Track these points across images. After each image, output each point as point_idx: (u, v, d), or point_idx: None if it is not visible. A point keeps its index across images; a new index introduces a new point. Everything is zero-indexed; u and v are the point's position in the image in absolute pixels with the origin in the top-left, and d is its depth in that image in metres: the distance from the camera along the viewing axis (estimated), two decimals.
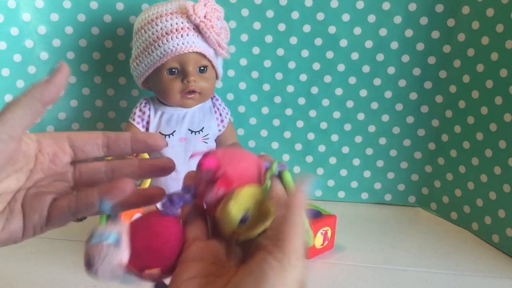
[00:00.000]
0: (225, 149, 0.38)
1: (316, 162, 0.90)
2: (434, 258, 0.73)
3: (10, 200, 0.34)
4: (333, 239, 0.73)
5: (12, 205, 0.33)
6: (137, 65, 0.74)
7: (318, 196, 0.91)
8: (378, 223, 0.84)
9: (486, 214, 0.77)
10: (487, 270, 0.70)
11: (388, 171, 0.89)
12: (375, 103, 0.85)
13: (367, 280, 0.66)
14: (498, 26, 0.72)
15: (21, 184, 0.35)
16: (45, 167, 0.36)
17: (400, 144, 0.87)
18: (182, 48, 0.69)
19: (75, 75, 0.87)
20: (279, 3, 0.81)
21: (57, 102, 0.93)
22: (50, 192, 0.34)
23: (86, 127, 0.90)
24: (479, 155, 0.78)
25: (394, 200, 0.91)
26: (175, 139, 0.74)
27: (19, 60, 0.82)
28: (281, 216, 0.30)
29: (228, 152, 0.36)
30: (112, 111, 0.89)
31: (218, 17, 0.72)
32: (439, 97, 0.83)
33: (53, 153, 0.37)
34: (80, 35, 0.84)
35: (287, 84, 0.85)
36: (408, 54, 0.82)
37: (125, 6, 0.83)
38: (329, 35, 0.82)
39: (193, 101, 0.74)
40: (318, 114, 0.87)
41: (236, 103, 0.87)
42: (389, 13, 0.80)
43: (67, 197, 0.34)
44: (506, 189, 0.73)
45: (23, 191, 0.34)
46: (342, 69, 0.83)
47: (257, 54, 0.84)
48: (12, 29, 0.80)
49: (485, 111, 0.76)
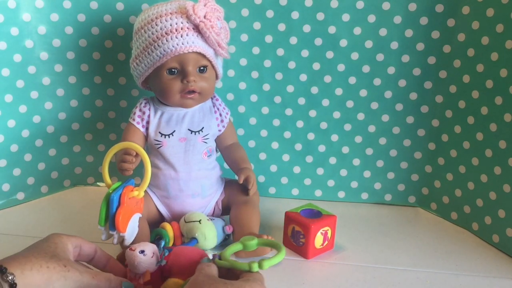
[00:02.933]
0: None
1: (316, 162, 0.90)
2: (434, 258, 0.73)
3: None
4: (333, 239, 0.73)
5: None
6: (137, 65, 0.74)
7: (318, 196, 0.91)
8: (378, 223, 0.84)
9: (486, 214, 0.77)
10: (487, 270, 0.69)
11: (388, 171, 0.89)
12: (375, 103, 0.85)
13: (367, 280, 0.66)
14: (498, 26, 0.72)
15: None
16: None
17: (400, 144, 0.87)
18: (182, 48, 0.69)
19: (75, 75, 0.87)
20: (279, 3, 0.81)
21: (57, 102, 0.93)
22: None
23: (86, 127, 0.90)
24: (479, 155, 0.78)
25: (394, 200, 0.91)
26: (175, 139, 0.74)
27: (19, 60, 0.82)
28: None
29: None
30: (112, 111, 0.89)
31: (218, 17, 0.72)
32: (439, 97, 0.83)
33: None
34: (80, 35, 0.84)
35: (287, 84, 0.85)
36: (408, 54, 0.82)
37: (125, 6, 0.83)
38: (329, 35, 0.82)
39: (193, 101, 0.74)
40: (318, 114, 0.87)
41: (236, 103, 0.87)
42: (389, 13, 0.80)
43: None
44: (506, 189, 0.73)
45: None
46: (342, 69, 0.83)
47: (257, 54, 0.84)
48: (12, 29, 0.80)
49: (485, 111, 0.76)
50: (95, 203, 0.69)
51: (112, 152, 0.63)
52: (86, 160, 0.93)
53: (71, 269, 0.49)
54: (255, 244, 0.58)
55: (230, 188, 0.79)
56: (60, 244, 0.52)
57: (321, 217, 0.71)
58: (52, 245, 0.51)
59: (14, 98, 0.83)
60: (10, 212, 0.84)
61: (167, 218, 0.76)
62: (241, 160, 0.78)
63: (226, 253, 0.56)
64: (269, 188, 0.92)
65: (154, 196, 0.76)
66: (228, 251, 0.56)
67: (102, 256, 0.58)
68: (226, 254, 0.55)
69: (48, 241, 0.53)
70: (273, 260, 0.52)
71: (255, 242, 0.57)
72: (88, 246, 0.57)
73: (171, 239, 0.70)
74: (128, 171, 0.69)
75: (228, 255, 0.55)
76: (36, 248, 0.50)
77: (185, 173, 0.74)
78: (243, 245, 0.58)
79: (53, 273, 0.48)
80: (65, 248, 0.53)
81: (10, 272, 0.45)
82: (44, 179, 0.90)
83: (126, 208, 0.60)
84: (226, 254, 0.55)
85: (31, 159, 0.87)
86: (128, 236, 0.61)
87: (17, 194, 0.87)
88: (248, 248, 0.58)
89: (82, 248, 0.56)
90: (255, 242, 0.57)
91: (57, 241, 0.53)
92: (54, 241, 0.52)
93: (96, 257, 0.57)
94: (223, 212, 0.79)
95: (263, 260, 0.52)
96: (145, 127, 0.76)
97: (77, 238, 0.55)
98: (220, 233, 0.72)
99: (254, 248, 0.58)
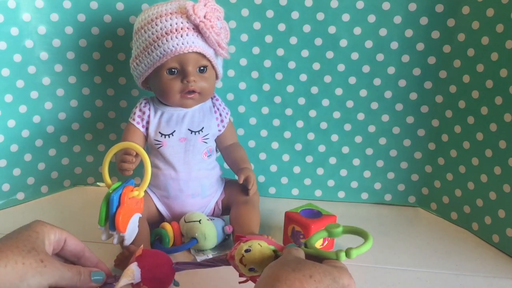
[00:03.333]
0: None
1: (316, 162, 0.90)
2: (434, 258, 0.73)
3: None
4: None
5: None
6: (137, 65, 0.74)
7: (318, 196, 0.91)
8: (378, 223, 0.84)
9: (486, 214, 0.77)
10: (487, 270, 0.69)
11: (388, 171, 0.89)
12: (375, 103, 0.85)
13: (367, 280, 0.66)
14: (498, 26, 0.72)
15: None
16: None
17: (400, 144, 0.87)
18: (182, 48, 0.69)
19: (75, 75, 0.87)
20: (279, 3, 0.81)
21: (57, 102, 0.93)
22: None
23: (86, 127, 0.90)
24: (479, 155, 0.78)
25: (394, 200, 0.91)
26: (175, 139, 0.74)
27: (19, 60, 0.82)
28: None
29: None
30: (112, 111, 0.90)
31: (218, 17, 0.72)
32: (439, 97, 0.83)
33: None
34: (80, 35, 0.84)
35: (287, 84, 0.85)
36: (408, 54, 0.82)
37: (125, 6, 0.83)
38: (329, 35, 0.82)
39: (193, 101, 0.74)
40: (318, 114, 0.87)
41: (236, 103, 0.87)
42: (389, 13, 0.80)
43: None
44: (506, 189, 0.73)
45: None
46: (342, 69, 0.83)
47: (257, 54, 0.84)
48: (12, 29, 0.80)
49: (485, 111, 0.76)
50: (95, 203, 0.69)
51: (112, 152, 0.63)
52: (86, 160, 0.93)
53: (47, 264, 0.49)
54: (340, 232, 0.54)
55: (230, 188, 0.79)
56: (41, 234, 0.51)
57: (321, 217, 0.72)
58: (33, 235, 0.50)
59: (14, 98, 0.83)
60: (10, 212, 0.84)
61: (167, 218, 0.76)
62: (241, 160, 0.78)
63: (311, 241, 0.54)
64: (269, 188, 0.92)
65: (154, 196, 0.76)
66: (314, 239, 0.54)
67: (90, 257, 0.57)
68: (311, 241, 0.53)
69: (29, 229, 0.51)
70: (361, 248, 0.49)
71: (340, 230, 0.54)
72: (75, 242, 0.55)
73: (171, 239, 0.70)
74: (128, 171, 0.69)
75: (314, 242, 0.53)
76: (16, 239, 0.49)
77: (185, 173, 0.74)
78: (328, 232, 0.55)
79: (29, 269, 0.47)
80: (46, 239, 0.51)
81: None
82: (44, 179, 0.90)
83: (126, 208, 0.60)
84: (311, 242, 0.53)
85: (31, 159, 0.87)
86: (128, 236, 0.61)
87: (17, 194, 0.87)
88: (333, 235, 0.55)
89: (67, 243, 0.55)
90: (340, 229, 0.54)
91: (38, 230, 0.51)
92: (35, 230, 0.51)
93: (84, 258, 0.57)
94: (223, 212, 0.79)
95: (351, 249, 0.49)
96: (145, 127, 0.76)
97: (62, 231, 0.54)
98: (220, 233, 0.72)
99: (339, 235, 0.55)
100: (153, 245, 0.70)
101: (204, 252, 0.71)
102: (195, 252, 0.71)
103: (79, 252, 0.56)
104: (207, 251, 0.71)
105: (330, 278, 0.44)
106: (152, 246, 0.70)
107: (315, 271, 0.44)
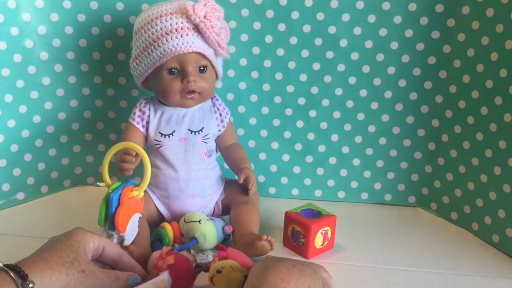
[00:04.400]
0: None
1: (316, 162, 0.90)
2: (434, 258, 0.72)
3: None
4: (333, 239, 0.73)
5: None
6: (137, 65, 0.74)
7: (318, 196, 0.91)
8: (378, 223, 0.84)
9: (486, 214, 0.77)
10: (487, 270, 0.69)
11: (388, 171, 0.89)
12: (375, 103, 0.85)
13: (367, 280, 0.66)
14: (498, 26, 0.72)
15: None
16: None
17: (400, 144, 0.87)
18: (182, 48, 0.69)
19: (75, 75, 0.87)
20: (279, 3, 0.81)
21: (57, 102, 0.93)
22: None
23: (86, 127, 0.90)
24: (479, 155, 0.78)
25: (394, 200, 0.91)
26: (175, 139, 0.74)
27: (19, 60, 0.82)
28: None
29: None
30: (112, 111, 0.90)
31: (218, 17, 0.72)
32: (439, 97, 0.83)
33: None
34: (80, 35, 0.84)
35: (287, 84, 0.85)
36: (408, 54, 0.82)
37: (125, 6, 0.83)
38: (329, 35, 0.82)
39: (193, 101, 0.74)
40: (318, 114, 0.87)
41: (236, 103, 0.87)
42: (389, 13, 0.80)
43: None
44: (506, 189, 0.73)
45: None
46: (342, 69, 0.83)
47: (257, 54, 0.84)
48: (12, 29, 0.80)
49: (485, 111, 0.76)
50: (95, 203, 0.69)
51: (112, 152, 0.63)
52: (86, 160, 0.93)
53: (88, 273, 0.50)
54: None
55: (230, 188, 0.79)
56: (82, 243, 0.52)
57: (321, 217, 0.71)
58: (75, 244, 0.52)
59: (14, 98, 0.83)
60: (10, 212, 0.84)
61: (167, 218, 0.76)
62: (241, 160, 0.78)
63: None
64: (269, 188, 0.92)
65: (154, 196, 0.76)
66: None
67: (128, 262, 0.58)
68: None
69: (71, 237, 0.53)
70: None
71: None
72: (112, 249, 0.57)
73: (171, 239, 0.70)
74: (128, 171, 0.69)
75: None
76: (60, 249, 0.51)
77: (185, 173, 0.74)
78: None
79: (71, 280, 0.49)
80: (87, 248, 0.53)
81: (30, 280, 0.45)
82: (44, 179, 0.90)
83: (126, 208, 0.60)
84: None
85: (31, 159, 0.87)
86: (127, 236, 0.61)
87: (17, 194, 0.87)
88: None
89: (105, 250, 0.56)
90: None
91: (80, 239, 0.53)
92: (77, 239, 0.52)
93: (122, 262, 0.58)
94: (223, 212, 0.79)
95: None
96: (145, 127, 0.76)
97: (100, 239, 0.55)
98: (220, 233, 0.72)
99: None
100: (153, 245, 0.70)
101: (204, 252, 0.71)
102: (195, 252, 0.71)
103: (116, 258, 0.57)
104: (207, 251, 0.71)
105: (310, 269, 0.52)
106: (152, 246, 0.70)
107: (297, 262, 0.52)
